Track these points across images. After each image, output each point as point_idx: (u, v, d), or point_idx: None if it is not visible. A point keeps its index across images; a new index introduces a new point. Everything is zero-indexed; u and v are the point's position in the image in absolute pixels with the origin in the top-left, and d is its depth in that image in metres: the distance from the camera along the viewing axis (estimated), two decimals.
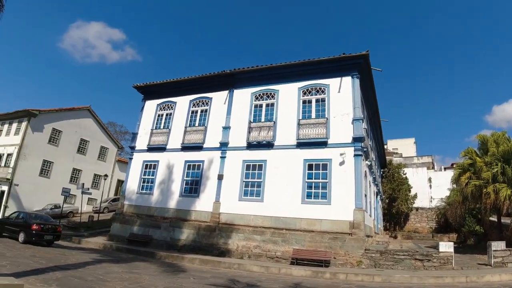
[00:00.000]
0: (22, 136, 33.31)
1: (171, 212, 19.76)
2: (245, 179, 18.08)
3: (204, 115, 21.29)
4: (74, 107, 38.93)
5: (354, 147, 15.90)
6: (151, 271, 11.68)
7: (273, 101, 19.09)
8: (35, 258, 11.96)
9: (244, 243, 16.56)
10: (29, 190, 32.70)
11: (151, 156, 22.20)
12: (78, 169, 37.93)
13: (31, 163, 33.49)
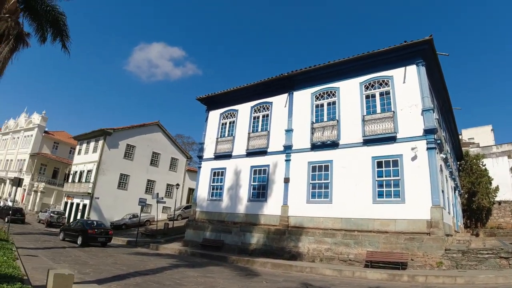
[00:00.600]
0: (100, 153, 36.96)
1: (240, 217, 20.47)
2: (312, 180, 18.12)
3: (266, 120, 21.78)
4: (144, 123, 42.26)
5: (426, 139, 15.10)
6: (225, 275, 12.19)
7: (334, 99, 18.92)
8: (116, 265, 13.05)
9: (315, 246, 16.59)
10: (108, 202, 36.11)
11: (218, 164, 23.26)
12: (152, 180, 40.94)
13: (109, 177, 36.96)
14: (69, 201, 39.37)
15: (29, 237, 21.54)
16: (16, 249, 13.14)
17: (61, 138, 55.11)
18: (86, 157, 39.76)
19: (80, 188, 37.66)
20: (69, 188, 40.31)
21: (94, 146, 38.98)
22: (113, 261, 14.36)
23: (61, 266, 11.32)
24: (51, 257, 13.75)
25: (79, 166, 40.37)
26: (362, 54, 17.63)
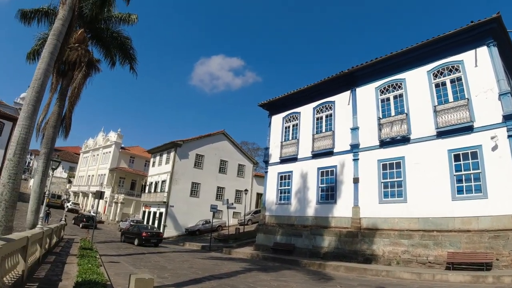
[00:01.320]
0: (172, 164, 39.73)
1: (310, 220, 20.60)
2: (383, 179, 17.65)
3: (330, 120, 21.70)
4: (210, 133, 44.50)
5: (506, 126, 13.90)
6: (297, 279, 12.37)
7: (400, 91, 18.28)
8: (192, 269, 13.90)
9: (390, 248, 16.11)
10: (182, 210, 38.57)
11: (284, 168, 23.66)
12: (221, 187, 42.77)
13: (182, 186, 39.49)
14: (147, 210, 42.81)
15: (111, 245, 23.73)
16: (99, 256, 14.67)
17: (136, 153, 59.91)
18: (159, 168, 42.97)
19: (156, 197, 40.77)
20: (146, 198, 43.92)
21: (166, 158, 41.99)
22: (189, 265, 15.29)
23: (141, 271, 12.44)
24: (131, 262, 15.12)
25: (154, 177, 43.69)
26: (427, 40, 16.85)
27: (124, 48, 19.83)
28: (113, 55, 20.14)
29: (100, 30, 19.53)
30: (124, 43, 19.70)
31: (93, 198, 55.90)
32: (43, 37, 18.41)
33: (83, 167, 66.78)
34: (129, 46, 19.84)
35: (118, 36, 19.60)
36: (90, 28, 19.11)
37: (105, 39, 19.74)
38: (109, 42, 19.74)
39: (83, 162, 68.41)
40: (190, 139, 42.20)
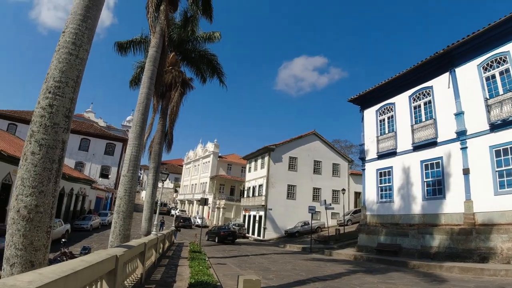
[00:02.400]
0: (267, 169, 41.02)
1: (416, 218, 19.44)
2: (498, 168, 15.83)
3: (429, 107, 20.26)
4: (301, 134, 44.83)
5: None
6: (407, 281, 11.86)
7: (507, 66, 16.13)
8: (295, 271, 14.21)
9: (510, 244, 14.36)
10: (280, 212, 39.48)
11: (383, 163, 22.74)
12: (317, 188, 42.63)
13: (278, 189, 40.48)
14: (247, 213, 44.86)
15: (217, 248, 25.33)
16: (208, 258, 15.83)
17: (233, 160, 63.13)
18: (255, 173, 44.68)
19: (254, 201, 42.45)
20: (245, 202, 46.04)
21: (261, 163, 43.52)
22: (292, 267, 15.66)
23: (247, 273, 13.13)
24: (237, 264, 16.00)
25: (251, 182, 45.56)
26: None
27: (212, 65, 21.27)
28: (203, 72, 21.76)
29: (189, 51, 21.26)
30: (211, 60, 21.14)
31: (198, 204, 60.37)
32: (140, 65, 20.78)
33: (187, 177, 72.72)
34: (215, 62, 21.22)
35: (205, 54, 21.10)
36: (179, 51, 20.94)
37: (194, 59, 21.43)
38: (198, 61, 21.38)
39: (186, 172, 74.53)
40: (282, 143, 43.09)
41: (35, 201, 4.78)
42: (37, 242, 4.82)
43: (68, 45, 5.44)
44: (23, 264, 4.71)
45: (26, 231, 4.74)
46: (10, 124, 46.19)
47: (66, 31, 5.61)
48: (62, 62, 5.28)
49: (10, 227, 4.84)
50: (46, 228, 4.96)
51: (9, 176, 23.45)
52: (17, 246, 4.73)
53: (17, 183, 4.90)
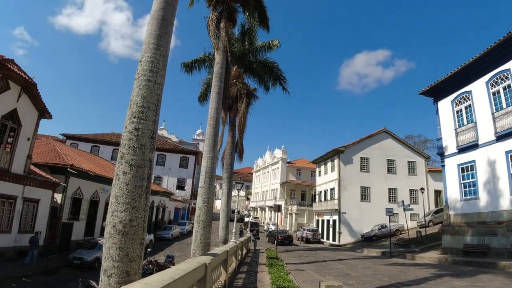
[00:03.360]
0: (337, 171, 40.25)
1: (505, 215, 17.79)
2: None
3: (509, 92, 18.55)
4: (371, 133, 43.23)
5: None
6: (497, 283, 11.17)
7: None
8: (376, 276, 13.87)
9: None
10: (355, 216, 38.33)
11: (463, 158, 21.26)
12: (393, 188, 40.74)
13: (351, 192, 39.43)
14: (320, 218, 44.31)
15: (293, 254, 25.39)
16: (285, 265, 15.98)
17: (302, 165, 62.95)
18: (326, 177, 44.08)
19: (327, 205, 41.84)
20: (317, 207, 45.56)
21: (331, 166, 42.84)
22: (372, 272, 15.30)
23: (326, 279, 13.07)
24: (315, 270, 15.96)
25: (322, 186, 45.01)
26: None
27: (274, 73, 21.68)
28: (265, 81, 22.24)
29: (250, 62, 21.91)
30: (272, 68, 21.56)
31: (270, 211, 61.14)
32: (206, 81, 21.90)
33: (257, 184, 74.02)
34: (277, 69, 21.59)
35: (266, 63, 21.57)
36: (241, 63, 21.67)
37: (256, 69, 22.03)
38: (259, 70, 21.95)
39: (256, 180, 75.90)
40: (352, 144, 41.98)
41: (129, 216, 5.32)
42: (132, 254, 5.33)
43: (146, 73, 5.99)
44: (119, 274, 5.23)
45: (122, 244, 5.27)
46: (93, 146, 51.25)
47: (142, 60, 6.18)
48: (143, 88, 5.84)
49: (107, 240, 5.41)
50: (140, 240, 5.47)
51: (96, 193, 25.90)
52: (114, 258, 5.26)
53: (112, 201, 5.48)
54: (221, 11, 14.81)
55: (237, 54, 20.39)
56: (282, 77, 21.61)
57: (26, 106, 18.99)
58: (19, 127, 18.63)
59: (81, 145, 49.19)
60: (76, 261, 18.23)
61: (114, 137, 53.50)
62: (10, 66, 16.70)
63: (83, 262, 18.16)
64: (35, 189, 19.70)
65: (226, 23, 14.55)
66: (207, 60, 20.64)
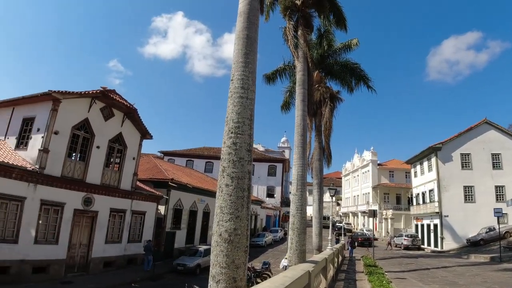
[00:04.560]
0: (436, 171, 37.29)
1: None
2: None
3: None
4: (471, 126, 39.19)
5: None
6: None
7: None
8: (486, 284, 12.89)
9: None
10: (458, 219, 34.82)
11: None
12: (500, 186, 36.30)
13: (452, 192, 36.07)
14: (419, 223, 41.35)
15: (392, 261, 24.20)
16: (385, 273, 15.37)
17: (394, 166, 59.69)
18: (423, 177, 41.19)
19: (426, 208, 38.96)
20: (415, 210, 42.65)
21: (428, 165, 39.98)
22: (482, 280, 14.21)
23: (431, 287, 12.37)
24: (418, 278, 15.10)
25: (419, 188, 42.12)
26: None
27: (356, 73, 21.20)
28: (348, 83, 21.84)
29: (330, 65, 21.74)
30: (354, 69, 21.11)
31: (362, 216, 59.09)
32: (288, 89, 22.27)
33: (347, 189, 72.10)
34: (359, 69, 21.08)
35: (347, 64, 21.21)
36: (322, 67, 21.61)
37: (337, 71, 21.78)
38: (341, 72, 21.66)
39: (345, 184, 73.99)
40: (449, 139, 38.55)
41: (233, 225, 5.72)
42: (238, 261, 5.70)
43: (238, 90, 6.41)
44: (227, 280, 5.62)
45: (228, 251, 5.67)
46: (188, 160, 55.17)
47: (233, 79, 6.62)
48: (237, 105, 6.27)
49: (214, 248, 5.86)
50: (244, 248, 5.83)
51: (195, 204, 27.71)
52: (221, 265, 5.68)
53: (217, 211, 5.94)
54: (297, 19, 15.02)
55: (316, 59, 20.40)
56: (365, 76, 21.03)
57: (129, 129, 21.27)
58: (124, 148, 20.90)
59: (177, 160, 53.19)
60: (179, 267, 19.90)
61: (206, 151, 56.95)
62: (113, 95, 19.14)
63: (186, 268, 19.73)
64: (141, 203, 21.90)
65: (304, 30, 14.71)
66: (287, 69, 21.00)
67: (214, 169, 53.40)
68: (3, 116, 18.66)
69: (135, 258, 21.21)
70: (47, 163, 16.03)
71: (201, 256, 20.83)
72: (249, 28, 6.96)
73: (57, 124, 16.49)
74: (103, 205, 19.03)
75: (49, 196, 16.01)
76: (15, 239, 14.50)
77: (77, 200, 17.48)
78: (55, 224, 16.35)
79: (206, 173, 47.76)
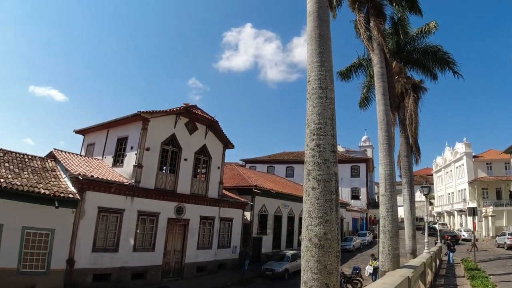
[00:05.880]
0: None
1: None
2: None
3: None
4: None
5: None
6: None
7: None
8: None
9: None
10: None
11: None
12: None
13: None
14: None
15: (495, 263, 21.65)
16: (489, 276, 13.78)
17: (491, 157, 53.45)
18: None
19: None
20: None
21: None
22: None
23: None
24: None
25: None
26: None
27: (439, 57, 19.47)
28: (431, 69, 20.21)
29: (409, 54, 20.31)
30: (435, 53, 19.40)
31: (459, 216, 54.01)
32: (365, 84, 21.21)
33: (440, 186, 66.33)
34: (441, 53, 19.31)
35: (427, 49, 19.61)
36: (400, 57, 20.25)
37: (417, 59, 20.27)
38: (421, 59, 20.11)
39: (437, 181, 68.16)
40: None
41: (323, 229, 5.51)
42: (330, 266, 5.47)
43: (316, 91, 6.22)
44: (319, 286, 5.42)
45: (319, 256, 5.47)
46: (269, 166, 55.76)
47: (310, 80, 6.44)
48: (316, 106, 6.07)
49: (304, 254, 5.70)
50: (335, 253, 5.59)
51: (279, 209, 27.85)
52: (313, 270, 5.49)
53: (305, 216, 5.78)
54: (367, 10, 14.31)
55: (393, 49, 19.21)
56: (449, 60, 19.11)
57: (212, 140, 22.16)
58: (209, 159, 21.81)
59: (258, 167, 54.11)
60: (268, 272, 20.12)
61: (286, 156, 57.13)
62: (195, 110, 20.35)
63: (274, 273, 19.87)
64: (228, 209, 22.67)
65: (376, 20, 13.91)
66: (362, 63, 20.16)
67: (295, 174, 53.28)
68: (100, 138, 20.83)
69: (225, 263, 21.93)
70: (142, 177, 17.40)
71: (288, 261, 20.84)
72: (320, 26, 6.76)
73: (148, 141, 17.84)
74: (194, 213, 20.05)
75: (144, 207, 17.36)
76: (115, 248, 15.94)
77: (170, 209, 18.68)
78: (151, 232, 17.68)
79: (288, 178, 47.83)
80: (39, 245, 13.34)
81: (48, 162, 16.76)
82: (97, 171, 16.76)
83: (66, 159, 17.04)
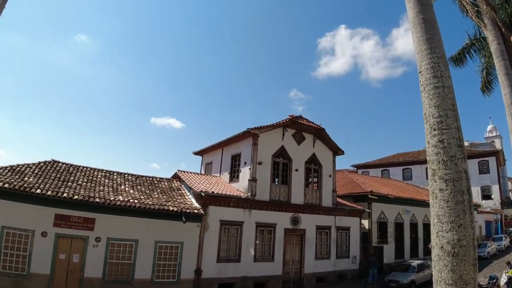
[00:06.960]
0: None
1: None
2: None
3: None
4: None
5: None
6: None
7: None
8: None
9: None
10: None
11: None
12: None
13: None
14: None
15: None
16: None
17: None
18: None
19: None
20: None
21: None
22: None
23: None
24: None
25: None
26: None
27: None
28: None
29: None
30: None
31: None
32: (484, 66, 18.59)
33: None
34: None
35: None
36: None
37: None
38: None
39: None
40: None
41: (456, 235, 4.81)
42: (466, 276, 4.77)
43: (431, 81, 5.56)
44: None
45: (454, 265, 4.79)
46: (383, 170, 52.28)
47: (421, 70, 5.80)
48: (433, 98, 5.41)
49: (436, 263, 5.04)
50: (472, 261, 4.86)
51: (399, 215, 25.82)
52: (446, 281, 4.83)
53: (434, 221, 5.12)
54: None
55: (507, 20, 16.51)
56: None
57: (321, 148, 21.72)
58: (320, 167, 21.41)
59: (371, 171, 51.37)
60: (392, 284, 18.63)
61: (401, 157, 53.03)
62: (300, 121, 20.34)
63: (399, 285, 18.35)
64: (344, 218, 21.78)
65: None
66: (474, 43, 17.82)
67: (413, 176, 48.82)
68: (216, 156, 22.32)
69: (344, 274, 21.07)
70: (257, 190, 18.03)
71: (414, 272, 19.09)
72: (423, 11, 6.14)
73: (259, 156, 18.45)
74: (309, 223, 19.83)
75: (261, 218, 17.89)
76: (237, 258, 16.79)
77: (285, 220, 18.83)
78: (269, 243, 18.09)
79: (405, 181, 44.34)
80: (170, 257, 14.83)
81: (174, 182, 18.56)
82: (217, 187, 17.93)
83: (189, 178, 18.60)
